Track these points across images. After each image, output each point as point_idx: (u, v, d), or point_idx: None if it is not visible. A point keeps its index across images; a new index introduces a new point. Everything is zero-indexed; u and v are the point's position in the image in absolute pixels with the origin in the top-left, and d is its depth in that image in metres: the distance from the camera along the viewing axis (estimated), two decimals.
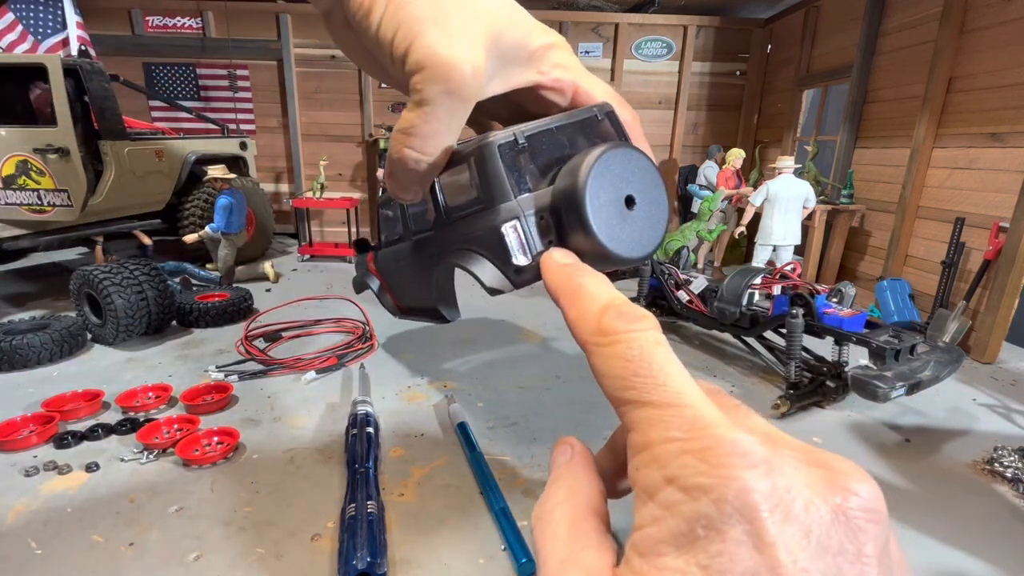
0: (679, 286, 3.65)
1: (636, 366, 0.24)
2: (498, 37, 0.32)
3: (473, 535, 1.83)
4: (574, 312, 0.28)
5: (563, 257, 0.33)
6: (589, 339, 0.27)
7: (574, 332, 0.28)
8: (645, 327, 0.25)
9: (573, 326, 0.28)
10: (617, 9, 6.83)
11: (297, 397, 2.77)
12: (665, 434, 0.22)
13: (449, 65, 0.30)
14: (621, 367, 0.25)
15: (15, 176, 3.98)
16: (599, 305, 0.27)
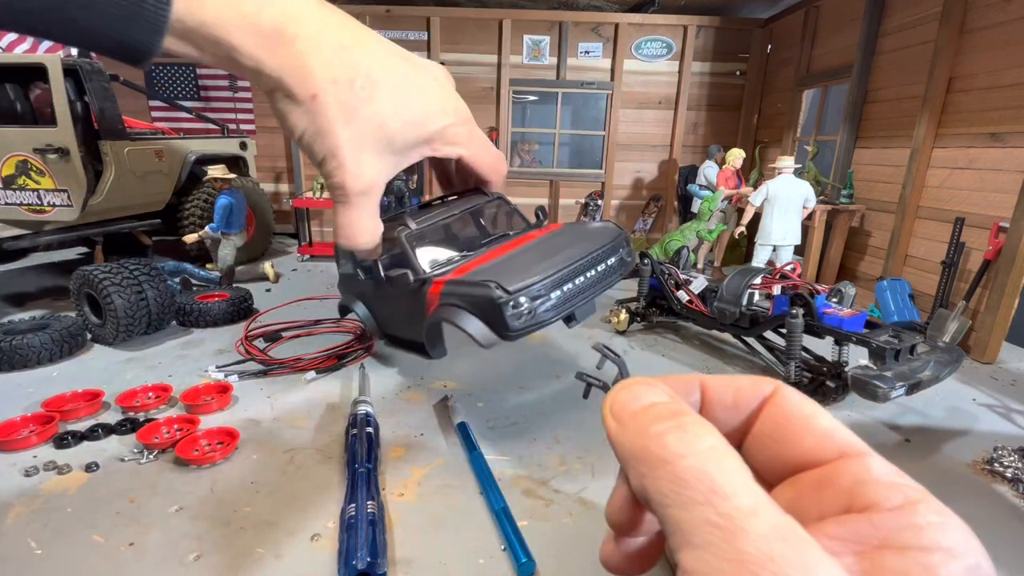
0: (679, 286, 3.65)
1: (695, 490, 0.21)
2: (391, 142, 0.45)
3: (473, 535, 1.83)
4: None
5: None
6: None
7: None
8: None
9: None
10: (617, 9, 6.82)
11: (297, 397, 2.78)
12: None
13: (343, 186, 0.44)
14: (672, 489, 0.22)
15: (15, 176, 3.98)
16: None
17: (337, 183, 0.44)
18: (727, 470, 0.22)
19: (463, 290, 2.20)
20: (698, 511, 0.21)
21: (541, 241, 2.50)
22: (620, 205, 7.50)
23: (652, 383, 0.27)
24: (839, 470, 0.25)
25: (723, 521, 0.20)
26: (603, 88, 7.03)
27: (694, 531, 0.20)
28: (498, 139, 7.08)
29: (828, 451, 0.26)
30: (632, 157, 7.33)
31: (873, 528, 0.22)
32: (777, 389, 0.28)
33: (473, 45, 6.84)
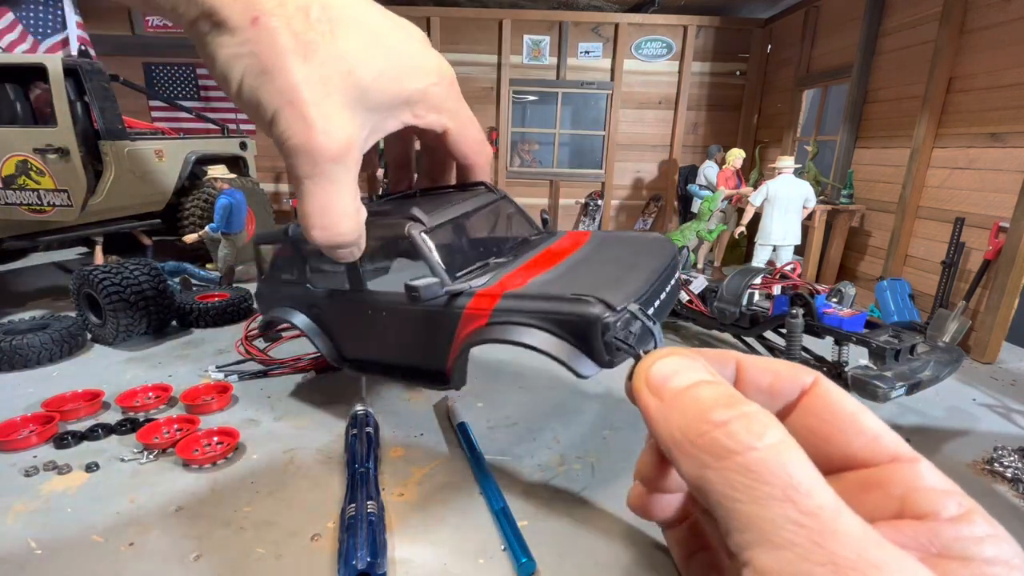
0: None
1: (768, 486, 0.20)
2: (363, 95, 0.33)
3: (473, 535, 1.83)
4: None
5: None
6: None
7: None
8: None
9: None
10: (617, 9, 6.82)
11: (297, 397, 2.78)
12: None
13: (309, 148, 0.30)
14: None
15: (15, 176, 3.98)
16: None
17: (301, 143, 0.31)
18: (804, 466, 0.20)
19: (539, 305, 1.74)
20: (777, 508, 0.19)
21: (594, 251, 2.06)
22: (620, 205, 7.50)
23: (691, 356, 0.26)
24: (891, 474, 0.24)
25: (808, 520, 0.19)
26: (603, 88, 7.03)
27: (773, 529, 0.19)
28: (498, 139, 7.07)
29: (879, 454, 0.25)
30: (632, 157, 7.33)
31: (934, 537, 0.21)
32: (818, 380, 0.27)
33: (473, 45, 6.83)
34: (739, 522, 0.20)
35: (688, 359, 0.26)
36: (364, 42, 0.34)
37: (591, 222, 7.32)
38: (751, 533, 0.19)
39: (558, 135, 7.32)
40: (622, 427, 2.64)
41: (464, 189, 2.03)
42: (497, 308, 1.82)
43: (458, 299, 1.92)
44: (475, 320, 1.89)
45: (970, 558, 0.21)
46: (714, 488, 0.21)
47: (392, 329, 2.16)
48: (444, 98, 0.42)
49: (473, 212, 2.19)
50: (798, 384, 0.27)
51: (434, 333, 2.06)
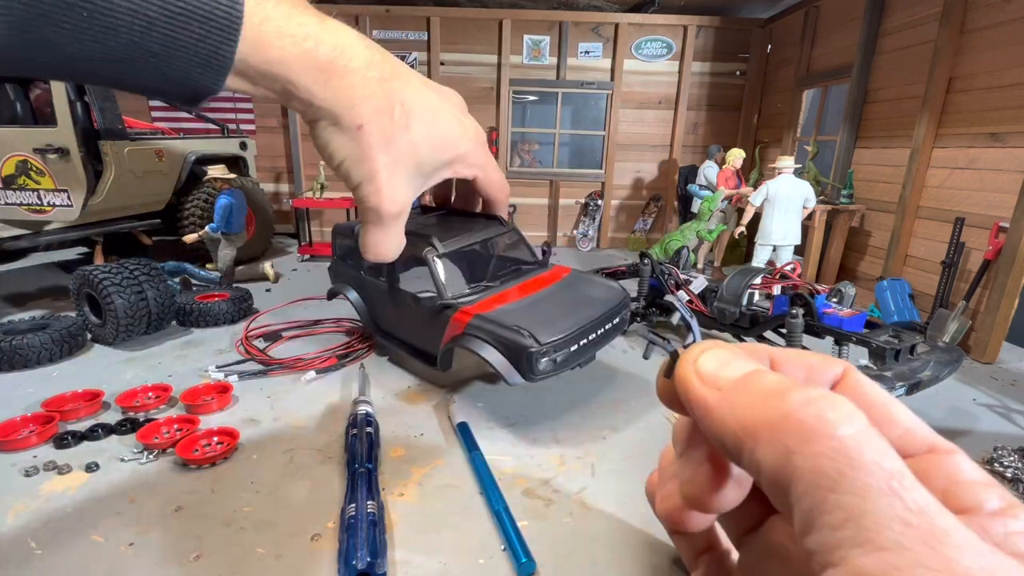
0: (679, 286, 3.65)
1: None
2: (420, 166, 0.48)
3: (473, 535, 1.83)
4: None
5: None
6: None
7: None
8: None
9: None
10: (617, 9, 6.82)
11: (297, 397, 2.77)
12: None
13: (378, 209, 0.47)
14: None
15: (15, 176, 3.98)
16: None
17: (373, 206, 0.47)
18: (894, 454, 0.18)
19: (494, 329, 2.41)
20: (882, 501, 0.17)
21: (558, 291, 2.76)
22: (620, 205, 7.50)
23: (734, 349, 0.25)
24: (929, 466, 0.22)
25: (918, 520, 0.16)
26: (603, 88, 7.03)
27: (876, 527, 0.16)
28: (498, 139, 7.08)
29: (915, 445, 0.23)
30: (632, 157, 7.33)
31: (983, 532, 0.19)
32: (848, 370, 0.26)
33: (473, 45, 6.84)
34: (832, 517, 0.17)
35: (732, 351, 0.25)
36: (426, 126, 0.47)
37: (591, 222, 7.32)
38: (847, 530, 0.17)
39: (558, 135, 7.32)
40: (622, 427, 2.64)
41: (483, 219, 2.84)
42: (469, 324, 2.52)
43: (448, 310, 2.63)
44: (456, 328, 2.58)
45: (1021, 554, 0.19)
46: (802, 476, 0.18)
47: (408, 317, 2.91)
48: (476, 156, 0.56)
49: (480, 243, 2.95)
50: (830, 375, 0.26)
51: (431, 329, 2.74)
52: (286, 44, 0.37)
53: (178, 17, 0.31)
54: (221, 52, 0.34)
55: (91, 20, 0.29)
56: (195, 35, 0.32)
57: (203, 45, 0.33)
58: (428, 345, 2.81)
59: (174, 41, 0.32)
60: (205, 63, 0.34)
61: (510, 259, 3.09)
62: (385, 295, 3.00)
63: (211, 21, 0.33)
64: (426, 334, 2.79)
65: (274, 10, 0.36)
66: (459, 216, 2.75)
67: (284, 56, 0.37)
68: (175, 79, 0.34)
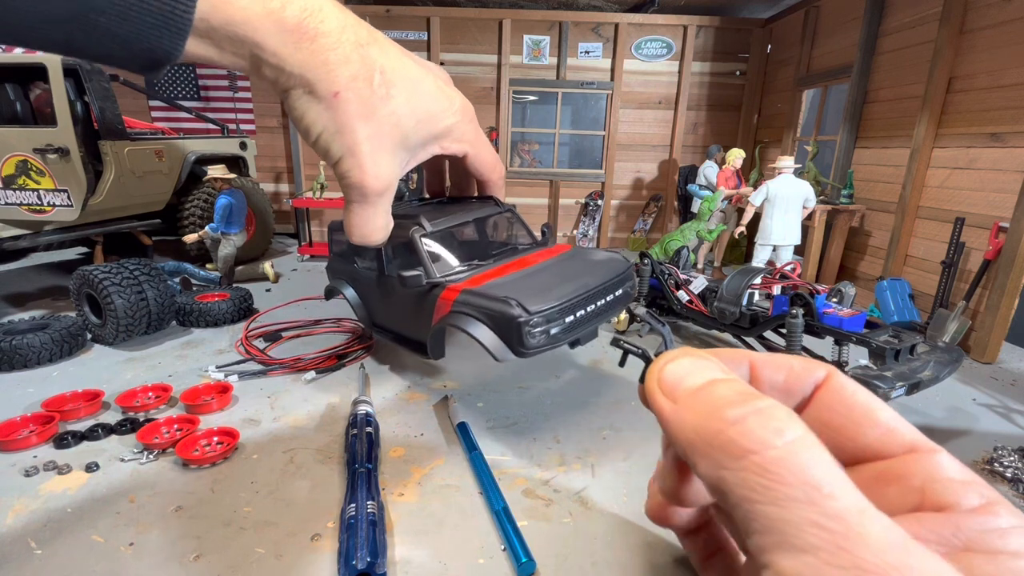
0: (679, 286, 3.65)
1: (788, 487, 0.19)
2: (405, 139, 0.45)
3: (473, 535, 1.83)
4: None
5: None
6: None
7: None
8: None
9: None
10: (617, 9, 6.82)
11: (297, 397, 2.78)
12: None
13: (361, 186, 0.43)
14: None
15: (15, 176, 3.98)
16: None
17: (355, 182, 0.43)
18: (825, 464, 0.19)
19: (480, 302, 2.25)
20: (799, 510, 0.18)
21: (554, 263, 2.56)
22: (620, 205, 7.50)
23: (703, 356, 0.25)
24: (909, 465, 0.23)
25: (832, 523, 0.18)
26: (603, 88, 7.03)
27: (795, 532, 0.18)
28: (498, 139, 7.07)
29: (895, 445, 0.24)
30: (632, 157, 7.33)
31: (957, 530, 0.20)
32: (831, 374, 0.26)
33: (473, 45, 6.84)
34: (759, 524, 0.19)
35: (700, 359, 0.25)
36: (408, 96, 0.44)
37: (591, 222, 7.32)
38: (771, 536, 0.19)
39: (558, 135, 7.32)
40: (622, 427, 2.64)
41: (477, 201, 2.64)
42: (457, 300, 2.37)
43: (436, 289, 2.49)
44: (444, 307, 2.44)
45: (996, 551, 0.20)
46: (732, 490, 0.20)
47: (398, 305, 2.77)
48: (464, 131, 0.52)
49: (472, 222, 2.79)
50: (812, 379, 0.27)
51: (420, 313, 2.62)
52: (250, 3, 0.34)
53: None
54: (178, 11, 0.32)
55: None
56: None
57: (157, 2, 0.31)
58: (418, 332, 2.67)
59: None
60: (162, 24, 0.31)
61: (506, 240, 2.92)
62: (375, 285, 2.87)
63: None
64: (416, 320, 2.64)
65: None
66: (454, 201, 2.56)
67: (248, 16, 0.34)
68: (130, 42, 0.32)
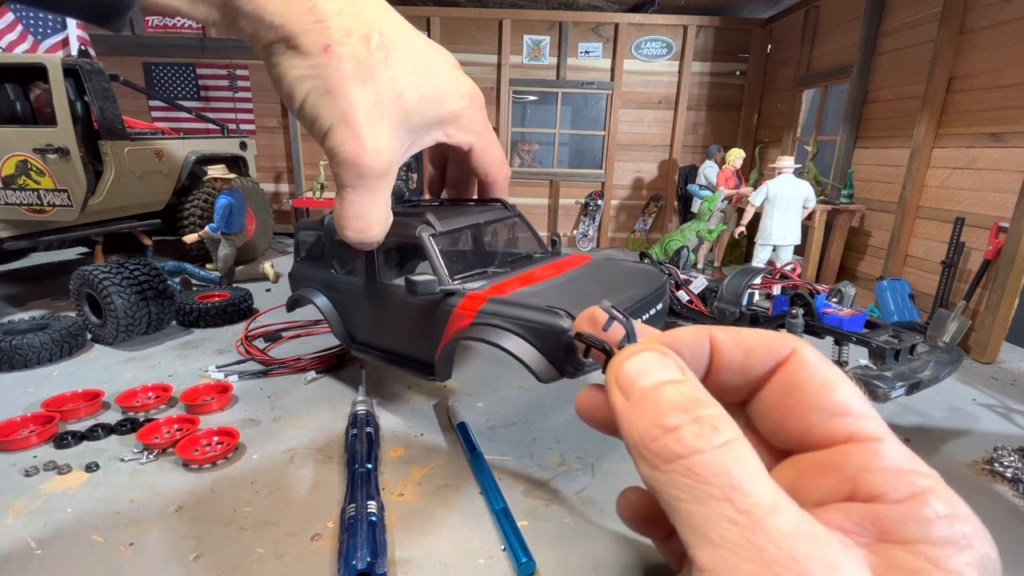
0: (679, 286, 3.65)
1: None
2: (407, 117, 0.37)
3: (473, 535, 1.83)
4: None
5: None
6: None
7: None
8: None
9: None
10: (617, 9, 6.82)
11: (297, 397, 2.77)
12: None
13: (357, 162, 0.34)
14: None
15: (15, 176, 3.98)
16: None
17: (350, 157, 0.34)
18: (746, 465, 0.21)
19: (516, 312, 1.93)
20: (715, 507, 0.20)
21: (587, 272, 2.29)
22: (620, 205, 7.50)
23: (663, 352, 0.25)
24: (845, 455, 0.23)
25: (743, 518, 0.19)
26: (603, 88, 7.03)
27: (711, 528, 0.20)
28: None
29: (835, 432, 0.24)
30: (632, 157, 7.33)
31: (878, 520, 0.21)
32: (794, 352, 0.26)
33: (473, 45, 6.83)
34: (684, 522, 0.20)
35: (660, 355, 0.25)
36: (412, 67, 0.38)
37: (591, 222, 7.32)
38: (694, 532, 0.20)
39: (558, 135, 7.32)
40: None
41: (483, 203, 2.35)
42: (482, 310, 2.05)
43: (451, 298, 2.17)
44: (462, 319, 2.11)
45: (915, 541, 0.21)
46: (662, 490, 0.21)
47: (394, 318, 2.40)
48: (472, 120, 0.46)
49: (483, 225, 2.46)
50: (772, 357, 0.26)
51: (428, 326, 2.26)
52: None
53: None
54: None
55: None
56: None
57: None
58: (421, 350, 2.32)
59: None
60: None
61: (517, 247, 2.62)
62: (362, 295, 2.47)
63: None
64: (418, 335, 2.29)
65: None
66: (456, 203, 2.18)
67: None
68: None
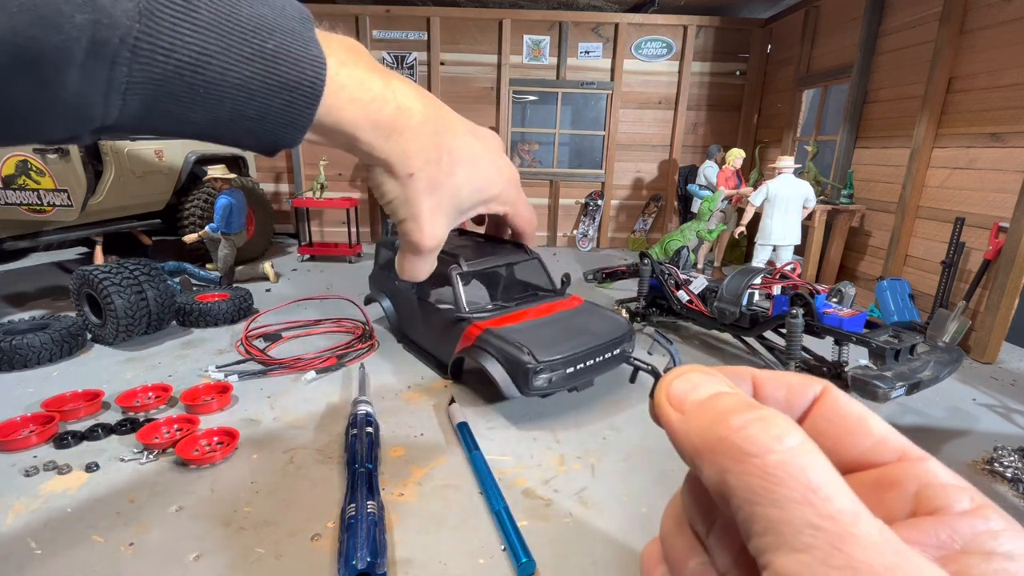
0: (679, 286, 3.65)
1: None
2: (458, 207, 0.54)
3: (473, 535, 1.83)
4: None
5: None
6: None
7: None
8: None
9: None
10: (617, 9, 6.82)
11: (297, 397, 2.78)
12: None
13: (419, 245, 0.52)
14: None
15: (15, 176, 3.98)
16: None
17: (414, 241, 0.53)
18: (821, 468, 0.21)
19: (499, 344, 2.59)
20: (796, 511, 0.19)
21: (566, 316, 2.93)
22: (620, 205, 7.50)
23: (709, 371, 0.27)
24: (903, 472, 0.24)
25: (828, 524, 0.19)
26: (603, 88, 7.03)
27: (792, 532, 0.19)
28: None
29: (887, 453, 0.25)
30: (632, 157, 7.33)
31: (952, 533, 0.21)
32: (827, 389, 0.28)
33: (473, 45, 6.83)
34: (759, 526, 0.20)
35: (706, 374, 0.27)
36: (469, 172, 0.53)
37: (591, 222, 7.32)
38: (770, 536, 0.20)
39: (558, 135, 7.32)
40: (622, 427, 2.64)
41: (512, 245, 3.12)
42: (480, 336, 2.70)
43: (463, 322, 2.84)
44: (467, 339, 2.77)
45: (991, 553, 0.21)
46: (735, 493, 0.21)
47: (429, 327, 3.31)
48: (508, 195, 0.61)
49: (502, 266, 3.23)
50: (810, 393, 0.28)
51: (447, 339, 2.97)
52: (356, 107, 0.43)
53: (273, 88, 0.38)
54: (303, 116, 0.40)
55: (205, 95, 0.35)
56: (284, 102, 0.39)
57: (289, 111, 0.39)
58: (442, 354, 3.09)
59: (267, 108, 0.38)
60: (289, 124, 0.40)
61: (529, 284, 3.33)
62: (413, 305, 3.31)
63: (298, 91, 0.39)
64: (442, 343, 3.06)
65: (348, 78, 0.42)
66: (490, 241, 3.18)
67: (354, 118, 0.43)
68: (263, 137, 0.40)
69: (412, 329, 3.43)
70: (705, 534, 0.28)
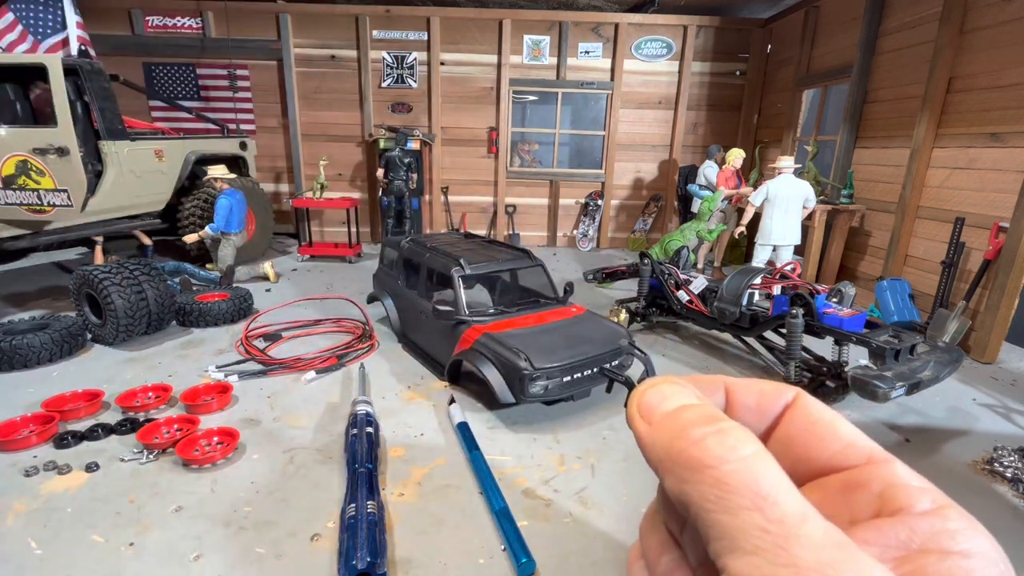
0: (679, 286, 3.65)
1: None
2: None
3: (473, 535, 1.83)
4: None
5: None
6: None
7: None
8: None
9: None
10: (617, 9, 6.82)
11: (297, 397, 2.78)
12: None
13: None
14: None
15: (15, 176, 3.97)
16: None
17: None
18: (772, 476, 0.22)
19: (497, 348, 2.58)
20: (746, 516, 0.21)
21: (565, 325, 2.89)
22: (620, 205, 7.50)
23: (680, 383, 0.27)
24: (868, 475, 0.25)
25: (774, 527, 0.20)
26: (603, 88, 7.03)
27: (743, 537, 0.20)
28: (498, 139, 7.07)
29: (855, 456, 0.26)
30: (632, 157, 7.33)
31: (911, 532, 0.22)
32: (799, 395, 0.29)
33: (473, 45, 6.83)
34: (715, 531, 0.21)
35: (678, 386, 0.28)
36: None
37: (591, 222, 7.32)
38: (725, 541, 0.21)
39: (558, 135, 7.32)
40: (622, 427, 2.64)
41: (517, 250, 3.24)
42: (478, 340, 2.69)
43: (462, 325, 2.84)
44: (466, 342, 2.76)
45: (947, 551, 0.21)
46: (692, 501, 0.22)
47: (428, 328, 3.18)
48: None
49: (505, 271, 3.21)
50: (781, 400, 0.29)
51: (445, 341, 2.97)
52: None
53: None
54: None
55: None
56: None
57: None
58: (440, 355, 3.07)
59: None
60: None
61: (532, 291, 3.33)
62: (415, 306, 3.31)
63: None
64: (440, 345, 3.04)
65: None
66: (494, 245, 3.21)
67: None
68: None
69: (412, 330, 3.42)
70: (679, 532, 0.28)
